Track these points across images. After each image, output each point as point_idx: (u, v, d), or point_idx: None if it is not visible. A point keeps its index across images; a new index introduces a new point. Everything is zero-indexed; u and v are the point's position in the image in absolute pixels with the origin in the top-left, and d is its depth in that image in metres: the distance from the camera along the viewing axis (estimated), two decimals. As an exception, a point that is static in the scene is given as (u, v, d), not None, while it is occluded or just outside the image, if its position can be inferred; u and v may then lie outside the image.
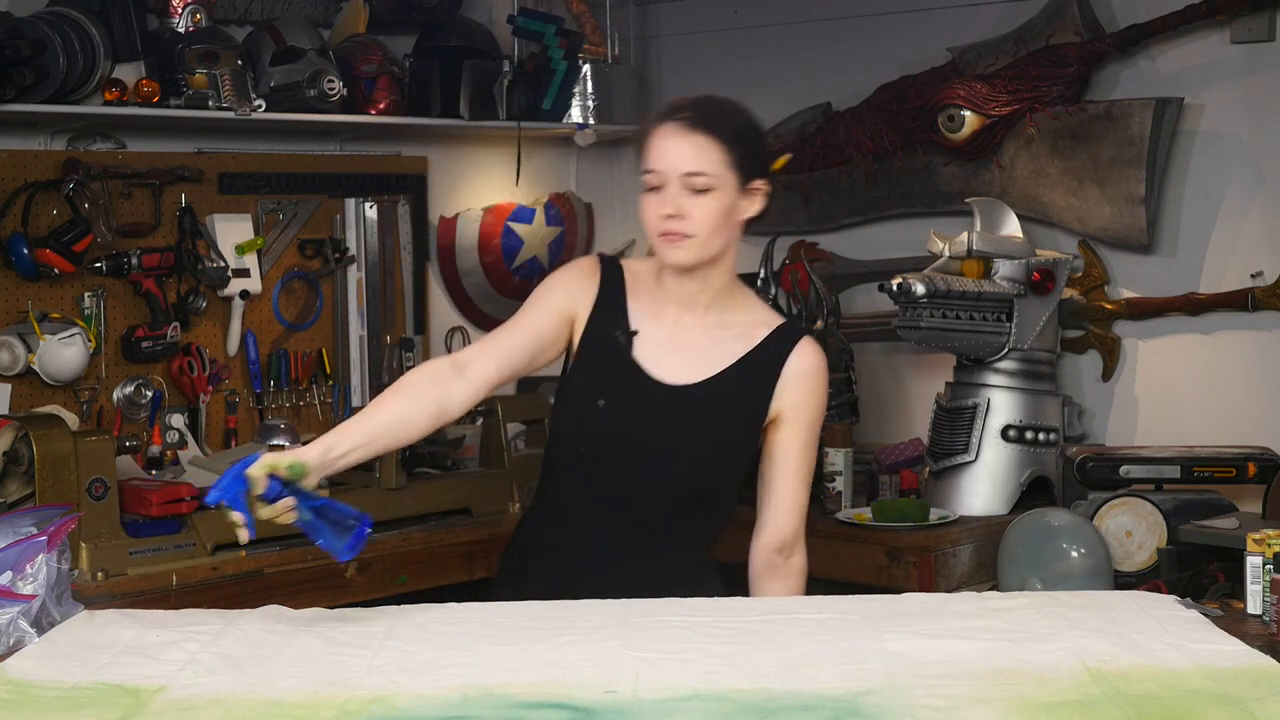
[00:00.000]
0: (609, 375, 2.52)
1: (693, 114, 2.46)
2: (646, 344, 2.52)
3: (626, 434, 2.51)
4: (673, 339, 2.53)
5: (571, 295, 2.55)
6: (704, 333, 2.54)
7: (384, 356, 4.65)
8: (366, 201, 4.62)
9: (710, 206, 2.44)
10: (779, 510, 2.56)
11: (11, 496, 3.35)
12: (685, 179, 2.43)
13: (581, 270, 2.58)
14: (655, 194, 2.45)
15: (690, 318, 2.54)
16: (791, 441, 2.55)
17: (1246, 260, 3.98)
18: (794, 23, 4.82)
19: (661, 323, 2.54)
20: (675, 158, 2.43)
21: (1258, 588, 2.34)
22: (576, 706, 1.89)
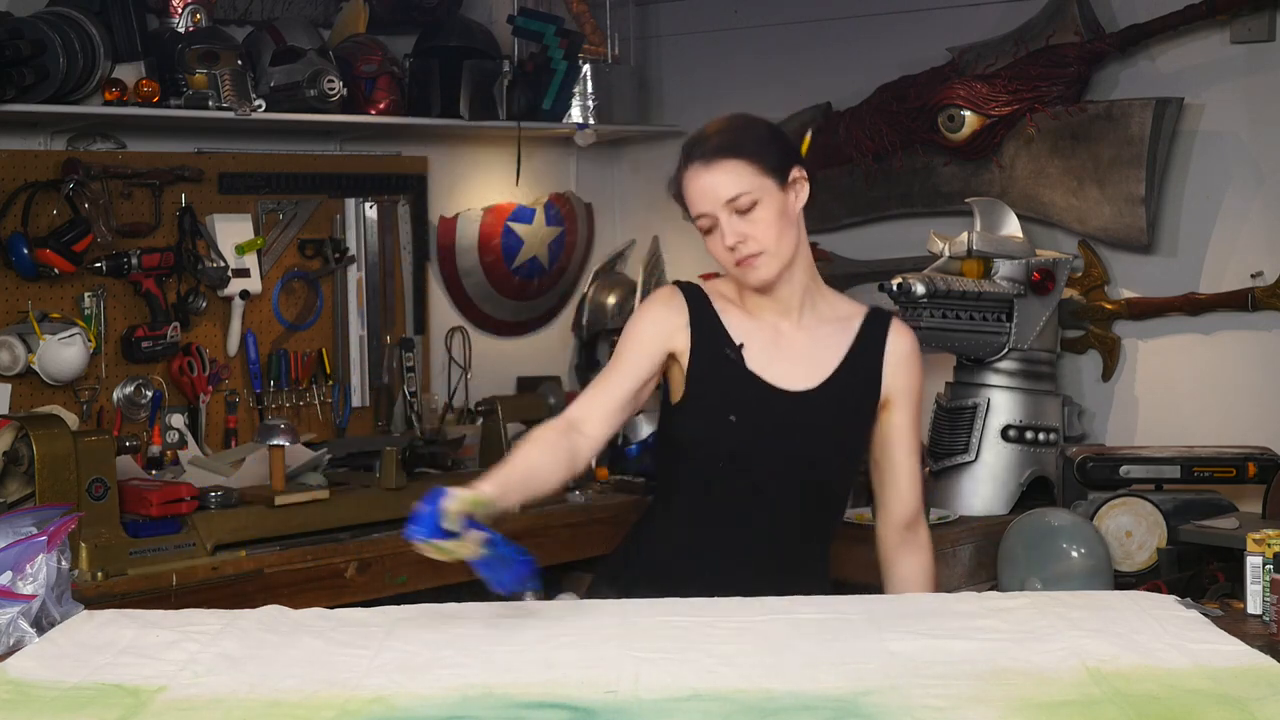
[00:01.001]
0: (732, 391, 2.58)
1: (708, 146, 2.51)
2: (756, 355, 2.59)
3: (763, 443, 2.57)
4: (778, 346, 2.60)
5: (663, 330, 2.60)
6: (804, 334, 2.61)
7: (384, 356, 4.65)
8: (366, 201, 4.62)
9: (765, 218, 2.50)
10: (902, 488, 2.65)
11: (11, 496, 3.35)
12: (729, 206, 2.49)
13: (666, 302, 2.63)
14: (714, 234, 2.53)
15: (787, 322, 2.61)
16: (902, 421, 2.63)
17: (1246, 260, 3.98)
18: (794, 23, 4.82)
19: (763, 333, 2.60)
20: (711, 192, 2.50)
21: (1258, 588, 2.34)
22: (576, 706, 1.90)
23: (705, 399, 2.59)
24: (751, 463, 2.58)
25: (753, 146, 2.52)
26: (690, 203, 2.54)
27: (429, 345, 4.83)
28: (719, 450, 2.60)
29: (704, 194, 2.51)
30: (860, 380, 2.61)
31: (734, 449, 2.58)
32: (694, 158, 2.52)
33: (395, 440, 4.30)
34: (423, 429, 4.57)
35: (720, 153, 2.50)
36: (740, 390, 2.57)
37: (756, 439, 2.57)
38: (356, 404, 4.59)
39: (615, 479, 4.47)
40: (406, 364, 4.64)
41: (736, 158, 2.50)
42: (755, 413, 2.57)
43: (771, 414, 2.57)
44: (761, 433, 2.57)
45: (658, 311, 2.62)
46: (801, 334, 2.60)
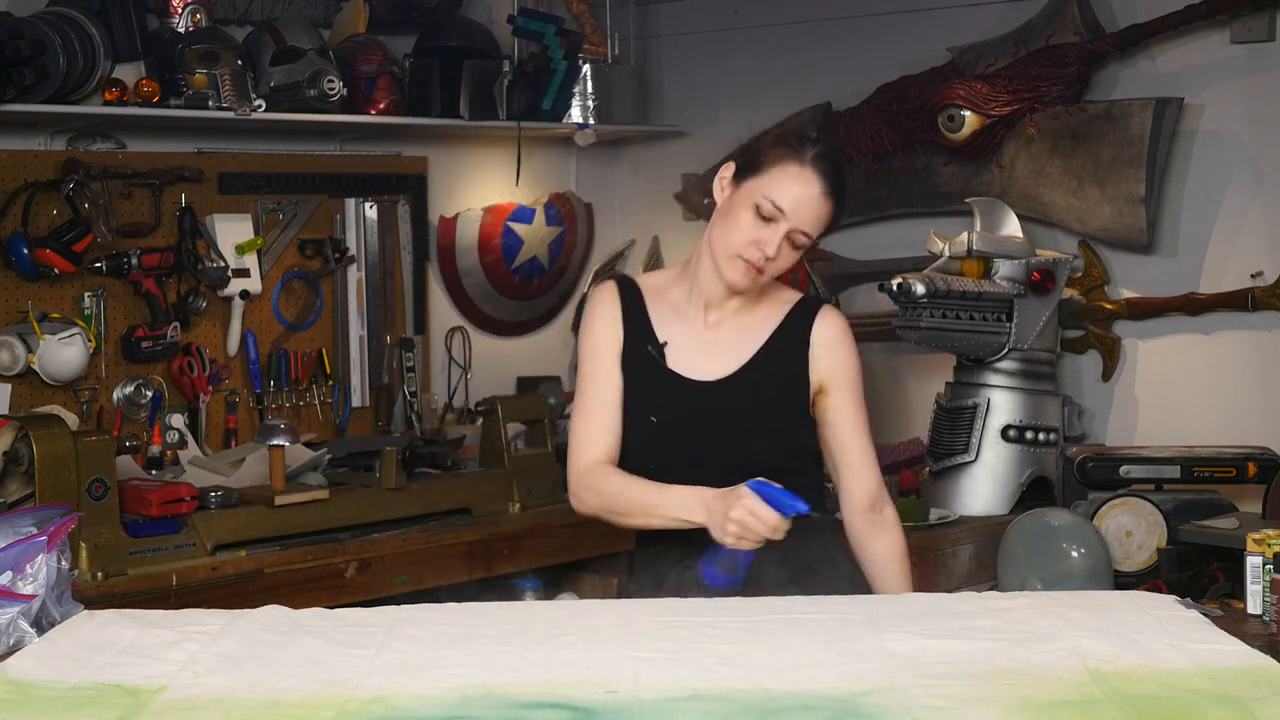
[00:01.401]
0: (652, 390, 2.61)
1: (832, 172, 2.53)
2: (677, 350, 2.62)
3: (685, 440, 2.60)
4: (701, 339, 2.62)
5: (612, 330, 2.64)
6: (731, 324, 2.63)
7: (384, 356, 4.65)
8: (366, 201, 4.62)
9: (795, 257, 2.56)
10: (856, 469, 2.67)
11: (11, 496, 3.35)
12: (795, 233, 2.52)
13: (605, 300, 2.67)
14: (762, 223, 2.52)
15: (717, 314, 2.63)
16: (841, 404, 2.65)
17: (1246, 260, 3.98)
18: (794, 23, 4.82)
19: (689, 326, 2.63)
20: (805, 213, 2.52)
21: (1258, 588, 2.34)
22: (576, 706, 1.89)
23: (629, 399, 2.63)
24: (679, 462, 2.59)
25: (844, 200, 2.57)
26: (778, 192, 2.51)
27: (429, 345, 4.83)
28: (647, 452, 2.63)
29: (801, 207, 2.51)
30: (781, 365, 2.62)
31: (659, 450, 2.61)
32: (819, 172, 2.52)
33: (395, 440, 4.30)
34: (423, 429, 4.57)
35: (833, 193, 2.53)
36: (659, 389, 2.61)
37: (677, 436, 2.60)
38: (356, 404, 4.59)
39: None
40: (406, 364, 4.64)
41: (835, 206, 2.54)
42: (673, 409, 2.60)
43: (688, 407, 2.60)
44: (681, 429, 2.60)
45: (602, 312, 2.66)
46: (728, 325, 2.63)
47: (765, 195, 2.51)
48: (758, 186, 2.52)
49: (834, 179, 2.54)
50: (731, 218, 2.55)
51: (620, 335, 2.64)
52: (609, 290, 2.68)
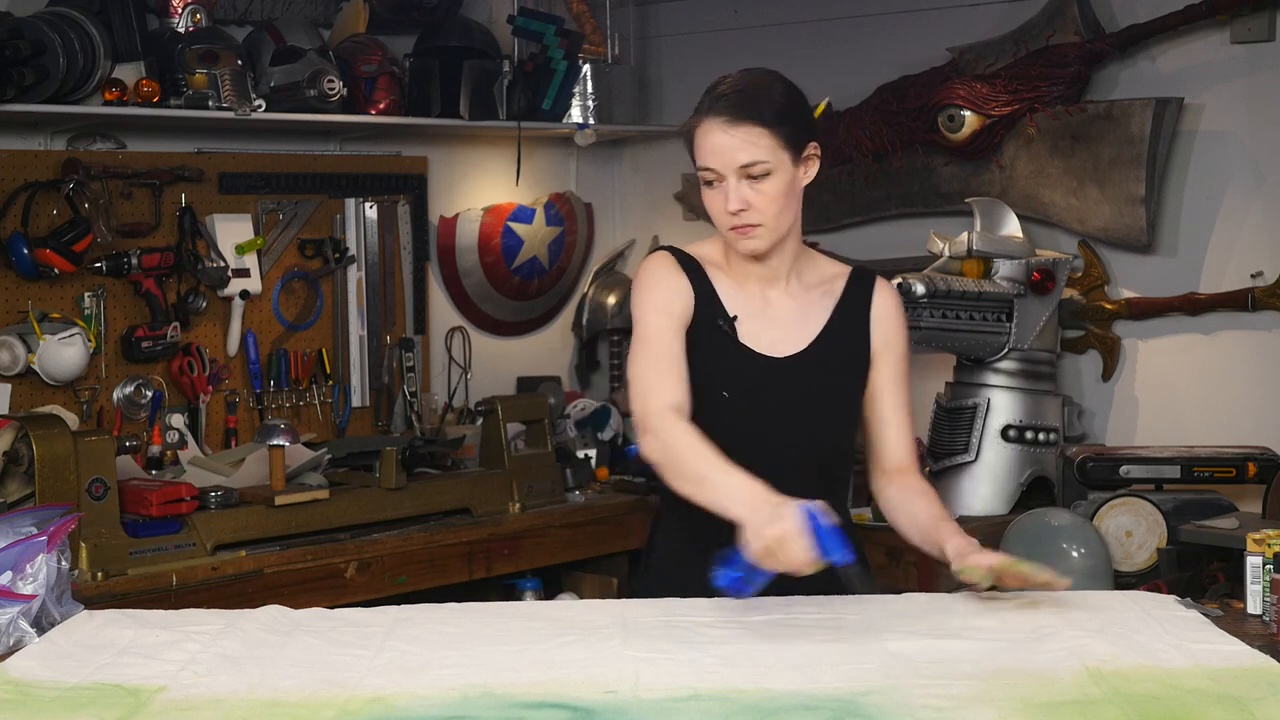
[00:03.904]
0: (724, 364, 2.54)
1: (734, 103, 2.46)
2: (746, 325, 2.55)
3: (757, 417, 2.54)
4: (766, 315, 2.57)
5: (681, 296, 2.54)
6: (791, 301, 2.58)
7: (384, 356, 4.65)
8: (366, 201, 4.62)
9: (772, 191, 2.47)
10: (891, 441, 2.60)
11: (11, 496, 3.35)
12: (742, 171, 2.45)
13: (671, 269, 2.56)
14: (715, 188, 2.48)
15: (774, 290, 2.58)
16: (887, 375, 2.60)
17: (1246, 260, 3.98)
18: (794, 23, 4.82)
19: (752, 302, 2.57)
20: (727, 153, 2.45)
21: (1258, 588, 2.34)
22: (576, 706, 1.90)
23: (699, 375, 2.53)
24: (750, 438, 2.52)
25: (778, 115, 2.48)
26: (700, 154, 2.49)
27: (429, 345, 4.83)
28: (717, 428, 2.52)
29: (719, 153, 2.46)
30: (848, 338, 2.58)
31: (729, 425, 2.53)
32: (716, 111, 2.47)
33: (395, 440, 4.30)
34: (423, 429, 4.58)
35: (746, 115, 2.45)
36: (733, 363, 2.54)
37: (751, 413, 2.53)
38: (356, 404, 4.59)
39: (615, 479, 4.47)
40: (406, 364, 4.64)
41: (761, 124, 2.45)
42: (748, 385, 2.54)
43: (763, 384, 2.54)
44: (756, 405, 2.53)
45: (669, 277, 2.55)
46: (789, 301, 2.58)
47: (697, 169, 2.49)
48: (696, 163, 2.50)
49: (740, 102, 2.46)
50: (703, 200, 2.53)
51: (687, 304, 2.53)
52: (670, 262, 2.58)
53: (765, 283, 2.58)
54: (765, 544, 2.16)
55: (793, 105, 2.54)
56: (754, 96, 2.48)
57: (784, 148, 2.48)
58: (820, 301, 2.60)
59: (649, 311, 2.53)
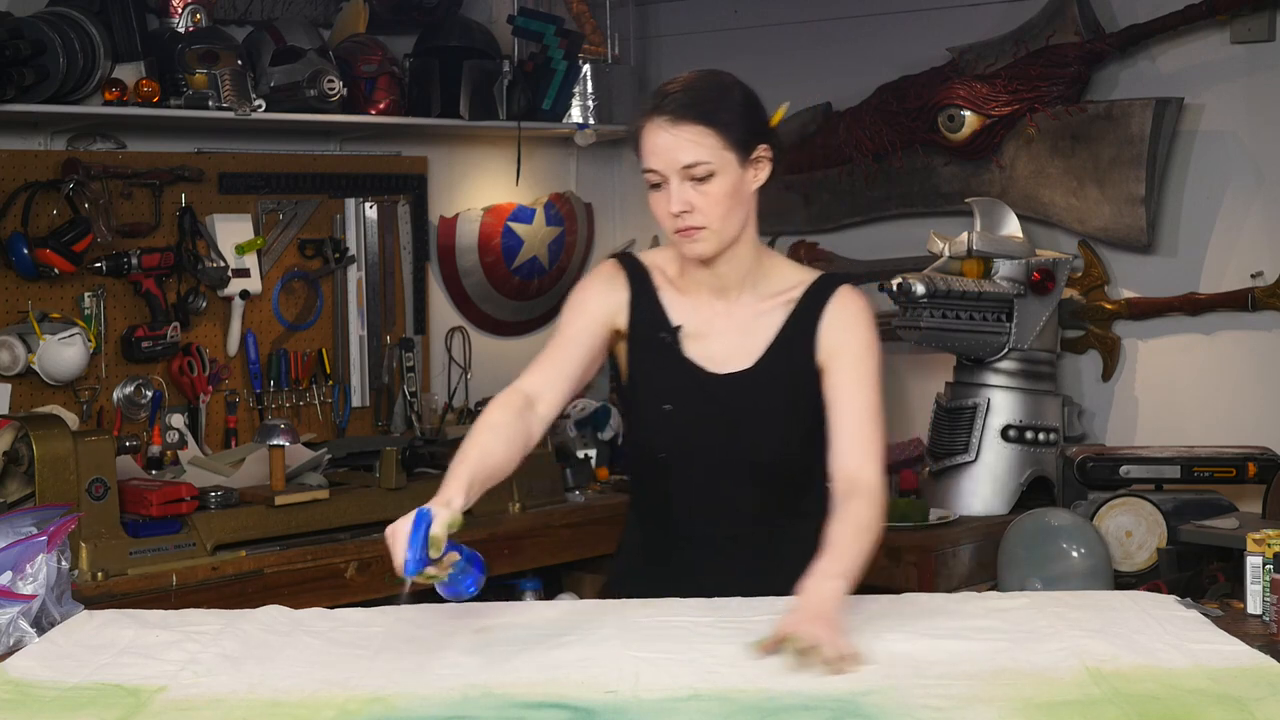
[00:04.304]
0: (667, 377, 2.49)
1: (678, 103, 2.39)
2: (692, 337, 2.49)
3: (701, 432, 2.50)
4: (714, 326, 2.49)
5: (607, 303, 2.50)
6: (742, 313, 2.50)
7: (384, 356, 4.65)
8: (366, 201, 4.62)
9: (717, 193, 2.39)
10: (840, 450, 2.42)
11: (11, 496, 3.35)
12: (685, 172, 2.37)
13: (608, 276, 2.53)
14: (660, 191, 2.41)
15: (723, 301, 2.50)
16: (838, 382, 2.47)
17: (1246, 260, 3.98)
18: (794, 23, 4.82)
19: (700, 312, 2.50)
20: (670, 153, 2.38)
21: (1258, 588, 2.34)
22: (576, 707, 1.90)
23: (642, 387, 2.51)
24: (692, 453, 2.50)
25: (723, 115, 2.40)
26: (644, 155, 2.40)
27: (429, 345, 4.83)
28: (658, 441, 2.52)
29: (661, 153, 2.38)
30: (794, 353, 2.48)
31: (672, 439, 2.51)
32: (660, 110, 2.39)
33: (395, 440, 4.30)
34: (423, 429, 4.57)
35: (689, 114, 2.37)
36: (675, 377, 2.48)
37: (693, 428, 2.49)
38: (356, 404, 4.59)
39: (615, 479, 4.47)
40: (406, 364, 4.64)
41: (704, 124, 2.37)
42: (690, 400, 2.48)
43: (706, 400, 2.47)
44: (698, 421, 2.48)
45: (600, 284, 2.52)
46: (738, 312, 2.49)
47: (641, 170, 2.42)
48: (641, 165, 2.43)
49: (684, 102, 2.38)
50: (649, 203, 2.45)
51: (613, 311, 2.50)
52: (612, 268, 2.54)
53: (716, 293, 2.50)
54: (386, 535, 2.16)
55: (741, 105, 2.47)
56: (699, 96, 2.41)
57: (729, 148, 2.40)
58: (773, 314, 2.50)
59: (566, 310, 2.53)
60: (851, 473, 2.40)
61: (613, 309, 2.51)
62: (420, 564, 2.09)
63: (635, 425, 2.60)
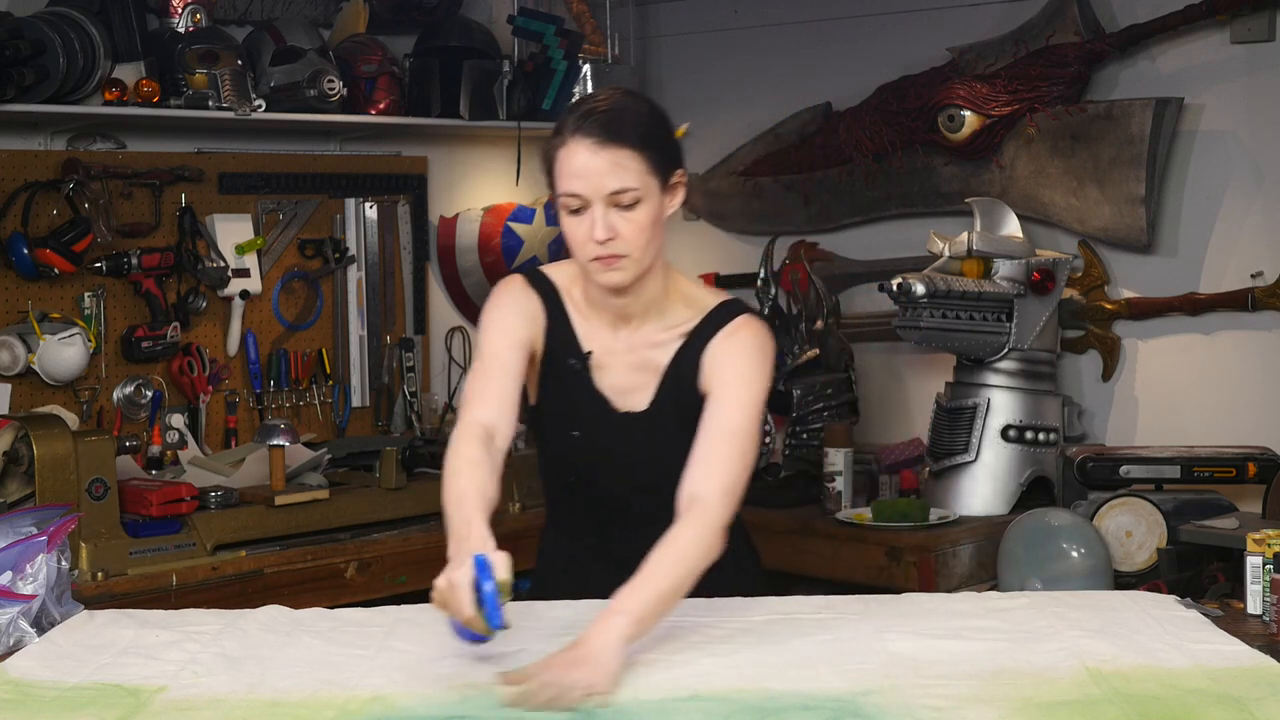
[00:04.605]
0: (575, 404, 2.44)
1: (604, 124, 2.28)
2: (599, 366, 2.44)
3: (610, 458, 2.46)
4: (615, 357, 2.44)
5: (529, 326, 2.43)
6: (642, 345, 2.43)
7: (384, 356, 4.65)
8: (366, 201, 4.62)
9: (641, 220, 2.29)
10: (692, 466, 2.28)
11: (11, 496, 3.35)
12: (611, 198, 2.28)
13: (522, 296, 2.45)
14: (579, 216, 2.30)
15: (626, 330, 2.43)
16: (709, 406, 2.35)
17: (1246, 260, 3.98)
18: (794, 23, 4.82)
19: (604, 338, 2.44)
20: (597, 177, 2.27)
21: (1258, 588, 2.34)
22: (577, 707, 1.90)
23: (551, 410, 2.46)
24: (598, 478, 2.48)
25: (649, 139, 2.31)
26: (563, 178, 2.29)
27: (429, 345, 4.83)
28: (567, 464, 2.50)
29: (586, 176, 2.27)
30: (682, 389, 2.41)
31: (580, 464, 2.48)
32: (584, 132, 2.28)
33: (395, 440, 4.30)
34: (423, 429, 4.58)
35: (617, 137, 2.27)
36: (584, 407, 2.43)
37: (600, 456, 2.45)
38: (356, 404, 4.59)
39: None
40: (406, 364, 4.64)
41: (632, 148, 2.28)
42: (598, 430, 2.44)
43: (613, 432, 2.44)
44: (607, 449, 2.45)
45: (520, 308, 2.44)
46: (639, 345, 2.43)
47: (559, 194, 2.31)
48: (555, 191, 2.32)
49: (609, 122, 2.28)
50: (563, 232, 2.34)
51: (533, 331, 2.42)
52: (524, 289, 2.46)
53: (619, 321, 2.43)
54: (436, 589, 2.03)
55: (662, 129, 2.37)
56: (625, 118, 2.31)
57: (653, 174, 2.30)
58: (666, 348, 2.42)
59: (487, 333, 2.42)
60: (692, 490, 2.26)
61: (534, 332, 2.43)
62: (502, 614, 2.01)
63: (544, 447, 2.54)
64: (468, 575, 2.01)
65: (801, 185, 4.70)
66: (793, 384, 4.18)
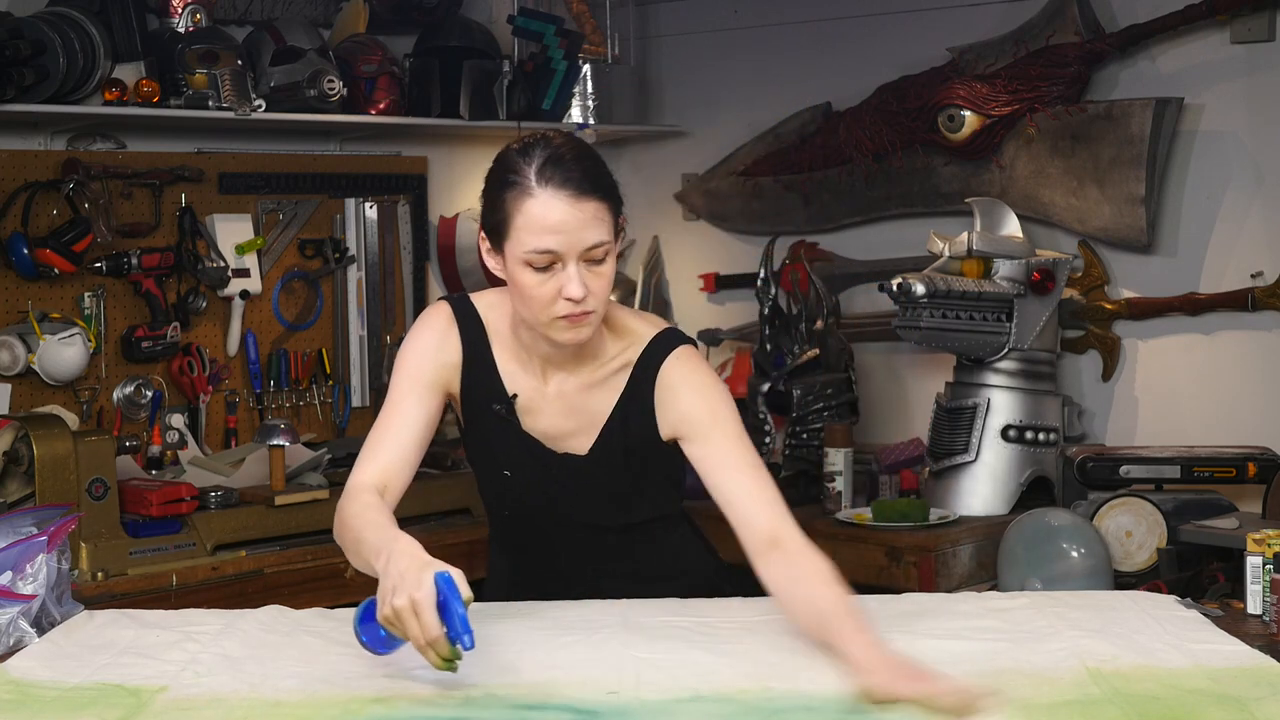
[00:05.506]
0: (504, 445, 2.37)
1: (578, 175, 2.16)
2: (527, 409, 2.35)
3: (543, 498, 2.40)
4: (547, 402, 2.35)
5: (440, 368, 2.33)
6: (576, 389, 2.35)
7: (384, 356, 4.65)
8: (366, 201, 4.62)
9: (608, 274, 2.20)
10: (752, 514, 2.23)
11: (11, 496, 3.35)
12: (586, 254, 2.16)
13: (440, 333, 2.35)
14: (544, 273, 2.16)
15: (560, 373, 2.34)
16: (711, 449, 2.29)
17: (1246, 260, 3.98)
18: (794, 23, 4.82)
19: (533, 382, 2.35)
20: (576, 233, 2.14)
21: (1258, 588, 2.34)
22: (578, 708, 1.90)
23: (478, 449, 2.39)
24: (536, 513, 2.43)
25: (612, 188, 2.20)
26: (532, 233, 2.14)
27: (429, 345, 4.82)
28: (502, 500, 2.45)
29: (564, 231, 2.13)
30: (632, 430, 2.33)
31: (513, 500, 2.43)
32: (556, 183, 2.14)
33: (395, 440, 4.29)
34: (423, 429, 4.57)
35: (591, 189, 2.16)
36: (513, 447, 2.36)
37: (535, 493, 2.39)
38: (356, 404, 4.59)
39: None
40: (406, 364, 4.64)
41: (603, 199, 2.17)
42: (530, 471, 2.37)
43: (545, 473, 2.37)
44: (539, 488, 2.38)
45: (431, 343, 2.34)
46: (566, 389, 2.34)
47: (526, 250, 2.15)
48: (515, 245, 2.16)
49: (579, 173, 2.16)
50: (518, 288, 2.19)
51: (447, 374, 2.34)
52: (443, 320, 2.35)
53: (551, 365, 2.33)
54: (390, 610, 1.91)
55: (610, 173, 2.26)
56: (593, 166, 2.19)
57: (613, 223, 2.21)
58: (607, 386, 2.33)
59: (398, 375, 2.33)
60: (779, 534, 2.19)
61: (446, 375, 2.34)
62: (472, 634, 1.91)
63: (478, 478, 2.49)
64: (432, 595, 1.90)
65: (801, 185, 4.70)
66: (793, 384, 4.18)
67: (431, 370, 2.34)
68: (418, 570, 1.93)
